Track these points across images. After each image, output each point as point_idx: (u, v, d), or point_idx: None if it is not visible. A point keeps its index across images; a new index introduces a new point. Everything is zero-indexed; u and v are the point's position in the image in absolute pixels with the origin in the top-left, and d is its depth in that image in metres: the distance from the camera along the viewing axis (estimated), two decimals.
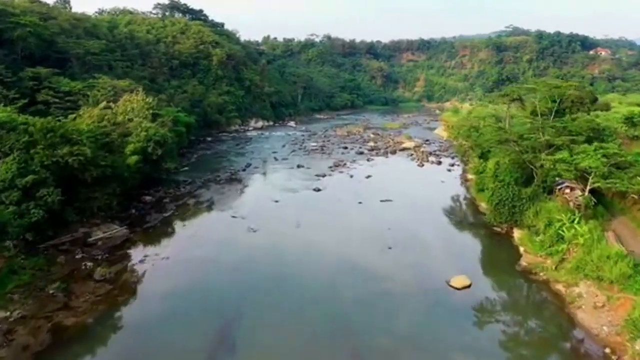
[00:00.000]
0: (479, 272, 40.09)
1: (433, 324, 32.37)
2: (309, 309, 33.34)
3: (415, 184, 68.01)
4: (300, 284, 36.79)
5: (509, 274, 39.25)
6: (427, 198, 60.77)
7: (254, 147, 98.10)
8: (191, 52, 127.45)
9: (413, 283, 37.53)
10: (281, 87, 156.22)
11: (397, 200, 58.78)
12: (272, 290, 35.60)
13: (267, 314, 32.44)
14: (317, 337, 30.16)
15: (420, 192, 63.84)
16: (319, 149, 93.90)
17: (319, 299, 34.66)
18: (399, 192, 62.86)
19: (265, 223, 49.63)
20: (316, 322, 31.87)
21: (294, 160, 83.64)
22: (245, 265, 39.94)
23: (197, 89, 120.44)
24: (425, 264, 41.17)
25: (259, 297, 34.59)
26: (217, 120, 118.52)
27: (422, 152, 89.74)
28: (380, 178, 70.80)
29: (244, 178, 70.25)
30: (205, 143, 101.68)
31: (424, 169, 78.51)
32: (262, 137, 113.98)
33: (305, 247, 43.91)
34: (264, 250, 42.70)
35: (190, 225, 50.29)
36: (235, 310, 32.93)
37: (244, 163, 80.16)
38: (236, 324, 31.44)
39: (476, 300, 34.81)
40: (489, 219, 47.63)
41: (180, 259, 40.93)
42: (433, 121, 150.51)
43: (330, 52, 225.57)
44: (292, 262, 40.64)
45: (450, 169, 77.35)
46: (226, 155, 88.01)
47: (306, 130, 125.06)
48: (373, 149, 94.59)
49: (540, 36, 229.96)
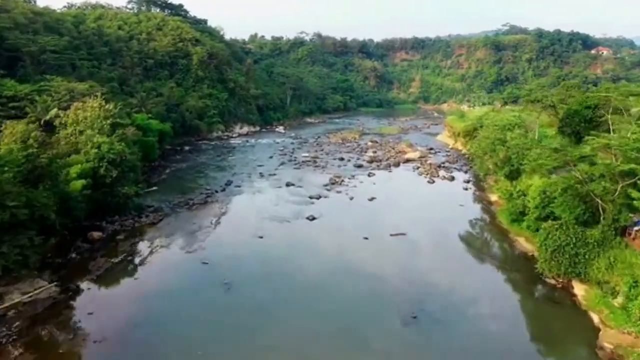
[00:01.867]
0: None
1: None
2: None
3: (429, 209, 56.45)
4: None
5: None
6: (447, 230, 49.26)
7: (237, 158, 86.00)
8: (168, 50, 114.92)
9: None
10: (269, 89, 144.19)
11: (410, 233, 47.27)
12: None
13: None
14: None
15: (437, 220, 52.33)
16: (312, 161, 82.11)
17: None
18: (411, 220, 51.38)
19: (244, 278, 37.66)
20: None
21: (283, 175, 71.82)
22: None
23: (175, 91, 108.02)
24: (466, 345, 29.58)
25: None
26: (197, 127, 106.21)
27: (430, 165, 78.38)
28: (386, 200, 59.30)
29: (222, 201, 58.18)
30: (182, 153, 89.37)
31: (436, 186, 67.12)
32: (247, 145, 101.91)
33: (297, 323, 32.09)
34: (237, 329, 30.61)
35: (142, 282, 37.42)
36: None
37: (224, 180, 68.14)
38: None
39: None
40: (541, 269, 36.20)
41: (125, 341, 28.92)
42: (433, 125, 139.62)
43: (321, 51, 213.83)
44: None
45: (466, 187, 66.02)
46: (204, 170, 75.85)
47: (296, 137, 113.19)
48: (373, 160, 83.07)
49: (540, 35, 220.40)
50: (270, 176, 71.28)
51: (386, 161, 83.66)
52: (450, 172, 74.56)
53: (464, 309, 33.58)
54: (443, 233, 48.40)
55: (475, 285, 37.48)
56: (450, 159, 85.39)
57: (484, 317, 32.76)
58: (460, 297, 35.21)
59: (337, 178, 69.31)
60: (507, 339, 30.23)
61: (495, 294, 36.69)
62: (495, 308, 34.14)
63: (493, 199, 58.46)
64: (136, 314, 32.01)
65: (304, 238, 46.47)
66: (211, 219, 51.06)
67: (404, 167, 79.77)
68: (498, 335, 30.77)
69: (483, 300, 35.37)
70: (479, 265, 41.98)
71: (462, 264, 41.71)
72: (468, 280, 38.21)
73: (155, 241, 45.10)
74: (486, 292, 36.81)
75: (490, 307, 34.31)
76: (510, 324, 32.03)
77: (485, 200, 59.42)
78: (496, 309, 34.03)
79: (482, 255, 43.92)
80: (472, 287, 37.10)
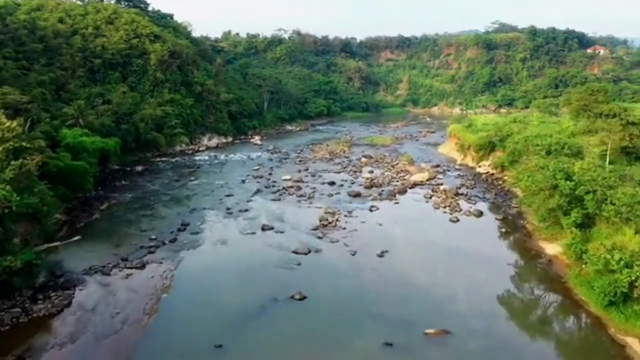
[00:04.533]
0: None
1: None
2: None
3: (465, 272, 39.21)
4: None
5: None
6: (506, 322, 32.39)
7: (200, 183, 68.06)
8: (120, 47, 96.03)
9: None
10: (243, 93, 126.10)
11: (456, 331, 30.25)
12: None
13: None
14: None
15: (486, 298, 34.84)
16: (295, 188, 64.72)
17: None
18: (448, 298, 34.55)
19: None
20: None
21: (258, 211, 54.35)
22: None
23: (127, 97, 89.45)
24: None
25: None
26: (155, 140, 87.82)
27: (445, 192, 61.83)
28: (402, 255, 42.38)
29: (168, 263, 40.26)
30: (132, 177, 71.00)
31: (462, 227, 50.37)
32: (216, 162, 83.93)
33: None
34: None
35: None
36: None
37: (178, 221, 50.27)
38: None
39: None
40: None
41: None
42: (430, 133, 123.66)
43: (301, 50, 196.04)
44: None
45: (503, 229, 49.19)
46: (154, 203, 57.80)
47: (275, 150, 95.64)
48: (372, 185, 66.17)
49: (534, 33, 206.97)
50: (240, 213, 53.58)
51: (387, 185, 66.87)
52: (474, 203, 58.13)
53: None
54: (503, 329, 31.52)
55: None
56: (466, 182, 68.97)
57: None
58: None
59: (330, 215, 52.14)
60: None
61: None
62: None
63: (549, 250, 42.09)
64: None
65: (287, 348, 28.92)
66: (144, 304, 33.16)
67: (412, 194, 63.04)
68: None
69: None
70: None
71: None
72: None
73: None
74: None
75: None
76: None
77: (537, 252, 42.79)
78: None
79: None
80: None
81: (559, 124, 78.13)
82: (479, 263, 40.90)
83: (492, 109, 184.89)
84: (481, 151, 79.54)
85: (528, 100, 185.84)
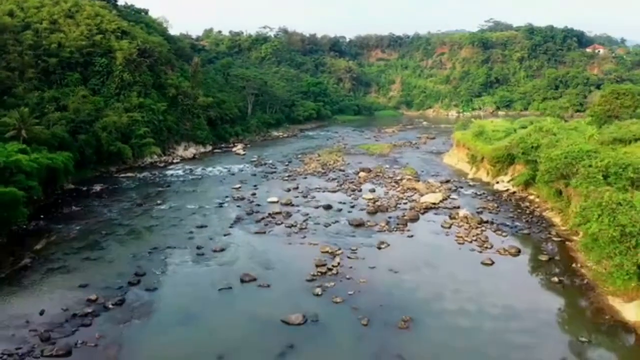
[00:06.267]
0: None
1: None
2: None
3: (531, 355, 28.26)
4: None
5: None
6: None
7: (169, 207, 56.09)
8: (81, 45, 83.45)
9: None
10: (224, 96, 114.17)
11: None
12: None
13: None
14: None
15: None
16: (283, 214, 53.13)
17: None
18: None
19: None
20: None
21: (237, 252, 42.71)
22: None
23: (88, 102, 77.12)
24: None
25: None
26: (120, 152, 75.70)
27: (466, 220, 50.73)
28: (433, 327, 30.89)
29: (102, 347, 28.33)
30: (86, 199, 58.86)
31: (500, 272, 39.15)
32: (190, 178, 71.95)
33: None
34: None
35: None
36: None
37: (131, 269, 38.29)
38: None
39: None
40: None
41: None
42: (430, 139, 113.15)
43: (288, 49, 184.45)
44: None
45: (556, 277, 37.97)
46: (106, 238, 45.71)
47: (260, 162, 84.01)
48: (376, 210, 54.87)
49: (531, 31, 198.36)
50: (214, 254, 41.85)
51: (394, 209, 55.67)
52: (504, 235, 47.14)
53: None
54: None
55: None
56: (487, 204, 58.06)
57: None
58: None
59: (329, 257, 40.74)
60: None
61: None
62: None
63: (628, 314, 31.12)
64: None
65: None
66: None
67: (427, 221, 51.85)
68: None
69: None
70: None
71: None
72: None
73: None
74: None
75: None
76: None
77: (612, 318, 31.77)
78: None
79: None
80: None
81: (577, 130, 67.90)
82: (541, 337, 29.69)
83: (490, 111, 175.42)
84: (498, 164, 68.92)
85: (527, 101, 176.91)
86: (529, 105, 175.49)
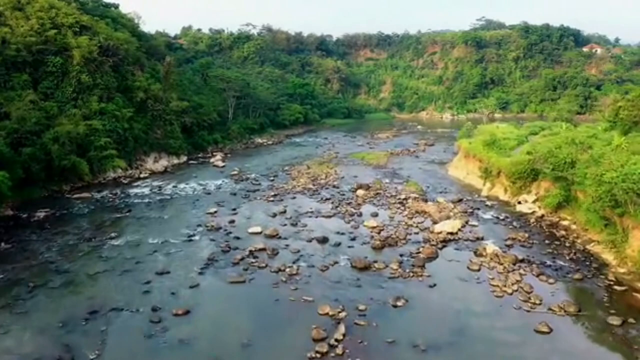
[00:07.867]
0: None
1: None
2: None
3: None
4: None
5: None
6: None
7: (124, 242, 44.81)
8: (30, 41, 71.19)
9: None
10: (202, 99, 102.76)
11: None
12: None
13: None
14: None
15: None
16: (268, 251, 42.33)
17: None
18: None
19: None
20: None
21: (205, 316, 31.96)
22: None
23: (36, 108, 65.36)
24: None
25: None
26: (75, 167, 64.21)
27: (497, 257, 40.53)
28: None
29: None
30: (21, 233, 47.29)
31: (560, 341, 28.79)
32: (158, 199, 60.70)
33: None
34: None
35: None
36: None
37: (53, 354, 27.31)
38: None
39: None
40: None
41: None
42: (428, 146, 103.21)
43: (272, 48, 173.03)
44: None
45: (634, 344, 28.19)
46: (31, 295, 34.40)
47: (241, 176, 73.07)
48: (383, 244, 44.40)
49: (527, 30, 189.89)
50: (174, 320, 30.86)
51: (404, 240, 45.33)
52: (551, 282, 36.99)
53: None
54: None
55: None
56: (515, 233, 47.94)
57: None
58: None
59: (331, 320, 30.11)
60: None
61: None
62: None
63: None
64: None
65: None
66: None
67: (447, 260, 41.53)
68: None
69: None
70: None
71: None
72: None
73: None
74: None
75: None
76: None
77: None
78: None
79: None
80: None
81: (597, 138, 58.61)
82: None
83: (486, 113, 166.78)
84: (519, 181, 59.05)
85: (524, 103, 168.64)
86: (525, 107, 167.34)
